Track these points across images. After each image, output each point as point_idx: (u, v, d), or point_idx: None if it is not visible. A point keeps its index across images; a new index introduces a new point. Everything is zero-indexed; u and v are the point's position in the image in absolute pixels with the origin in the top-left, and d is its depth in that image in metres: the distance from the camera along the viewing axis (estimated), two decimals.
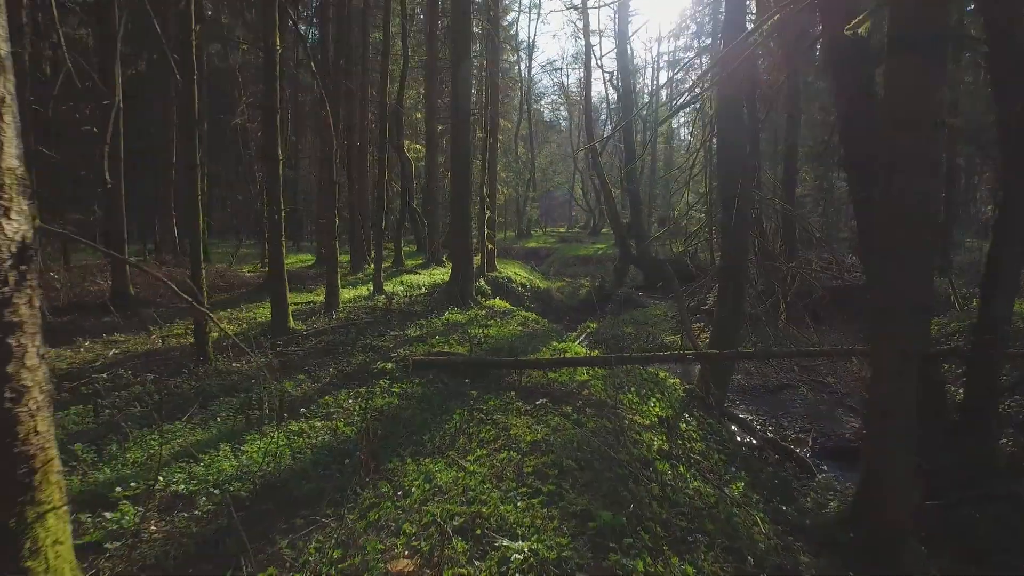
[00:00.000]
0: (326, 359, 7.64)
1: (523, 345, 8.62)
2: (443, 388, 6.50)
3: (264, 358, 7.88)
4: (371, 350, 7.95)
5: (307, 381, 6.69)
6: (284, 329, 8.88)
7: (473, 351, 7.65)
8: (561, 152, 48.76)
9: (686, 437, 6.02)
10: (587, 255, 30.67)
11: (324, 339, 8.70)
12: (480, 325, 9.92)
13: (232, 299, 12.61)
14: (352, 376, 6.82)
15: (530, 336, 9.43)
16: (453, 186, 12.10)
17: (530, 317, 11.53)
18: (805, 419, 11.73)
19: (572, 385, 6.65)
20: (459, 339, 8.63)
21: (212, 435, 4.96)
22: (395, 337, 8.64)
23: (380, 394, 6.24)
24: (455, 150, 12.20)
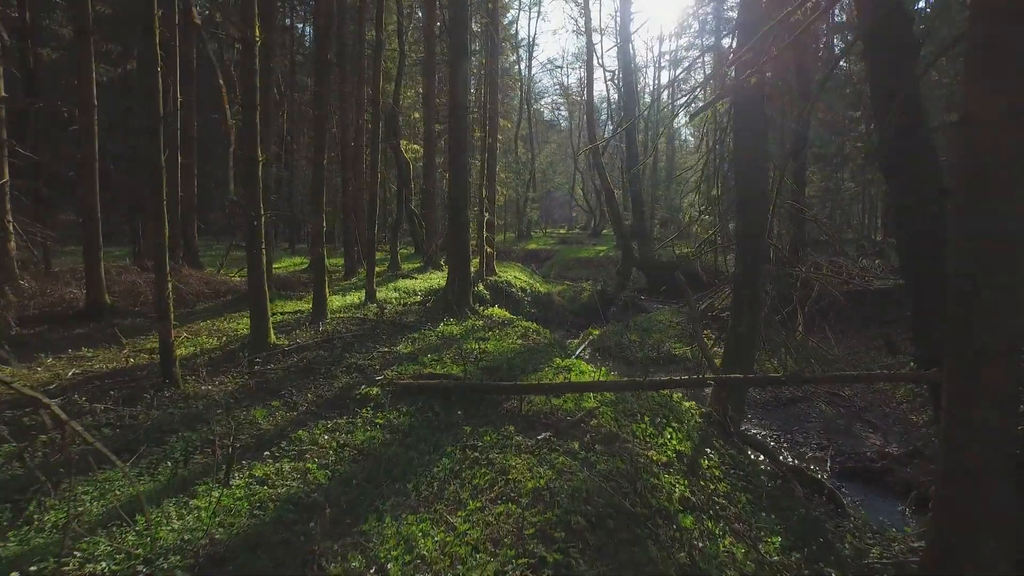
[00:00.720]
0: (306, 381, 6.86)
1: (523, 362, 7.85)
2: (433, 418, 5.73)
3: (240, 379, 7.11)
4: (356, 370, 7.17)
5: (281, 409, 5.92)
6: (264, 345, 8.11)
7: (468, 372, 6.88)
8: (562, 152, 47.98)
9: (708, 476, 5.25)
10: (588, 257, 29.90)
11: (307, 356, 7.92)
12: (477, 338, 9.15)
13: (216, 307, 11.84)
14: (332, 403, 6.04)
15: (530, 351, 8.65)
16: (450, 187, 11.34)
17: (531, 328, 10.76)
18: (821, 435, 10.96)
19: (578, 413, 5.88)
20: (453, 356, 7.86)
21: (159, 485, 4.18)
22: (383, 355, 7.86)
23: (361, 426, 5.47)
24: (452, 149, 11.43)
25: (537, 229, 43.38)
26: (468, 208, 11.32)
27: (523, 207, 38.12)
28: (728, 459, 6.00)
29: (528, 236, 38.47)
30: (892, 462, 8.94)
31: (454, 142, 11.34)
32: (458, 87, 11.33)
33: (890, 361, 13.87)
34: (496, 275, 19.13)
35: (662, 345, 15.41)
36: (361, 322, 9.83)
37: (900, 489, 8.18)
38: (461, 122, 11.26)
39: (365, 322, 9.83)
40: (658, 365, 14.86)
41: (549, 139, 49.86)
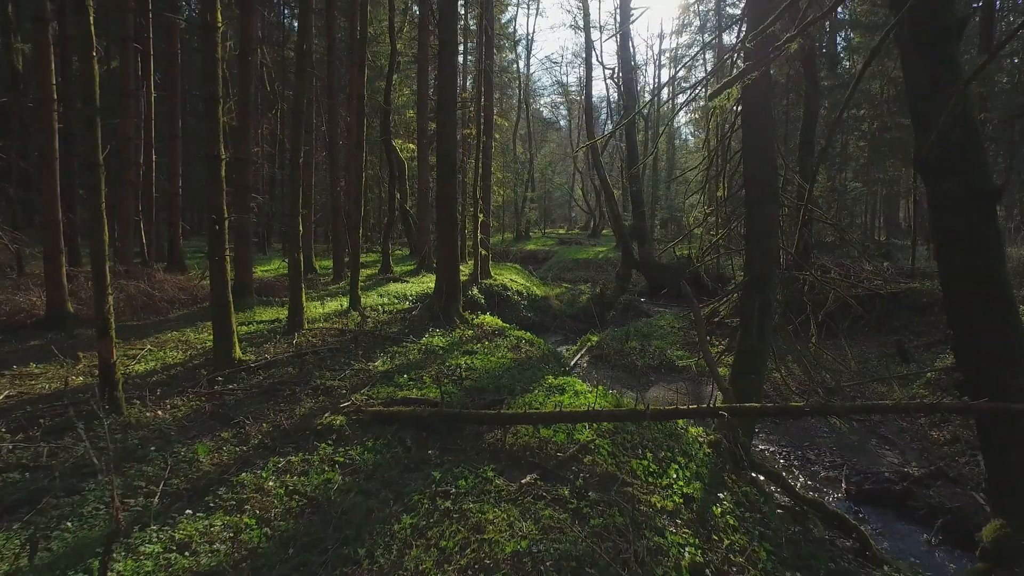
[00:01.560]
0: (266, 405, 6.05)
1: (512, 381, 7.03)
2: (402, 455, 4.91)
3: (196, 402, 6.30)
4: (323, 392, 6.35)
5: (230, 442, 5.10)
6: (227, 361, 7.30)
7: (449, 395, 6.06)
8: (561, 152, 47.12)
9: (722, 527, 4.43)
10: (587, 259, 29.06)
11: (273, 374, 7.11)
12: (463, 352, 8.33)
13: (190, 315, 11.03)
14: (289, 435, 5.23)
15: (521, 367, 7.83)
16: (439, 185, 10.52)
17: (523, 338, 9.94)
18: (834, 452, 10.17)
19: (570, 447, 5.06)
20: (435, 375, 7.05)
21: (45, 560, 3.35)
22: (356, 373, 7.04)
23: (318, 466, 4.65)
24: (441, 145, 10.61)
25: (536, 230, 42.53)
26: (458, 208, 10.50)
27: (521, 207, 37.27)
28: (742, 499, 5.18)
29: (527, 237, 37.62)
30: (913, 484, 8.14)
31: (442, 138, 10.52)
32: (447, 80, 10.51)
33: (904, 370, 13.09)
34: (491, 278, 18.32)
35: (664, 352, 14.60)
36: (340, 333, 9.02)
37: (925, 515, 7.39)
38: (450, 116, 10.44)
39: (344, 333, 9.01)
40: (659, 374, 14.05)
41: (548, 138, 49.01)
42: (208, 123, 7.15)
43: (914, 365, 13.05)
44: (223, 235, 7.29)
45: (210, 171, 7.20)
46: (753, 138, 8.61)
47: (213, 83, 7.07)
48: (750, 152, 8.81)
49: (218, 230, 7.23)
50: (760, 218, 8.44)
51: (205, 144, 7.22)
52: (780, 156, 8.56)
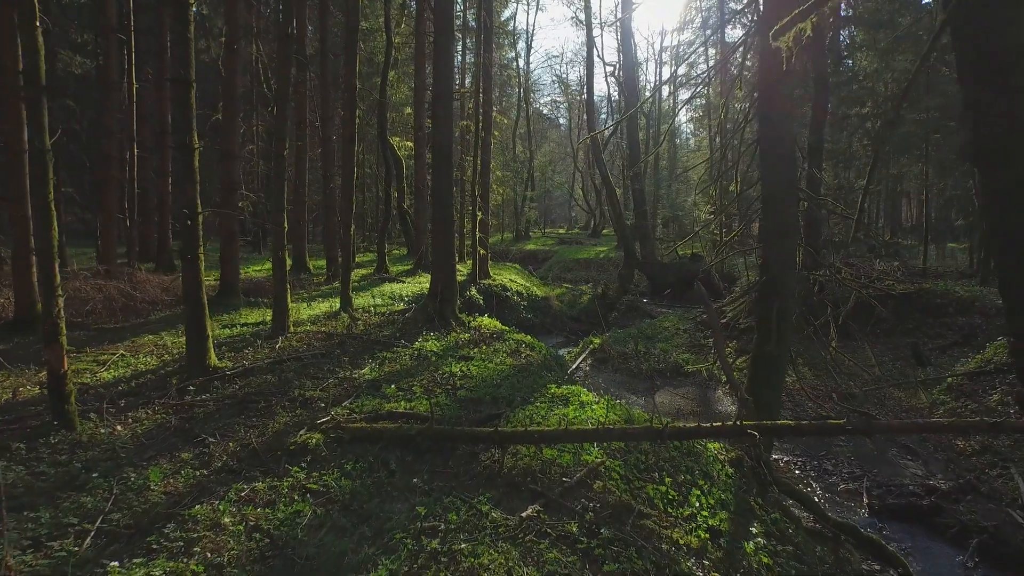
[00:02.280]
0: (237, 419, 5.38)
1: (511, 390, 6.37)
2: (385, 480, 4.24)
3: (162, 415, 5.63)
4: (302, 404, 5.69)
5: (190, 464, 4.44)
6: (201, 369, 6.63)
7: (441, 408, 5.40)
8: (561, 151, 46.44)
9: (756, 568, 3.77)
10: (588, 258, 28.38)
11: (250, 383, 6.45)
12: (459, 358, 7.67)
13: (171, 317, 10.36)
14: (258, 456, 4.56)
15: (521, 374, 7.16)
16: (434, 180, 9.87)
17: (524, 341, 9.28)
18: (852, 462, 9.53)
19: (577, 471, 4.40)
20: (427, 384, 6.39)
21: None
22: (341, 382, 6.38)
23: (287, 494, 3.98)
24: (436, 138, 9.96)
25: (536, 229, 41.84)
26: (454, 206, 9.84)
27: (521, 206, 36.58)
28: (772, 529, 4.53)
29: (526, 236, 36.92)
30: (941, 498, 7.47)
31: (438, 130, 9.86)
32: (443, 70, 9.85)
33: (923, 375, 12.45)
34: (490, 278, 17.66)
35: (669, 355, 13.93)
36: (327, 337, 8.36)
37: (956, 533, 6.72)
38: (446, 108, 9.78)
39: (331, 337, 8.35)
40: (665, 378, 13.39)
41: (548, 136, 48.34)
42: (178, 109, 6.49)
43: (931, 369, 12.41)
44: (196, 232, 6.63)
45: (181, 162, 6.53)
46: (770, 128, 7.96)
47: (184, 65, 6.41)
48: (766, 144, 8.16)
49: (191, 226, 6.57)
50: (777, 216, 7.79)
51: (177, 132, 6.55)
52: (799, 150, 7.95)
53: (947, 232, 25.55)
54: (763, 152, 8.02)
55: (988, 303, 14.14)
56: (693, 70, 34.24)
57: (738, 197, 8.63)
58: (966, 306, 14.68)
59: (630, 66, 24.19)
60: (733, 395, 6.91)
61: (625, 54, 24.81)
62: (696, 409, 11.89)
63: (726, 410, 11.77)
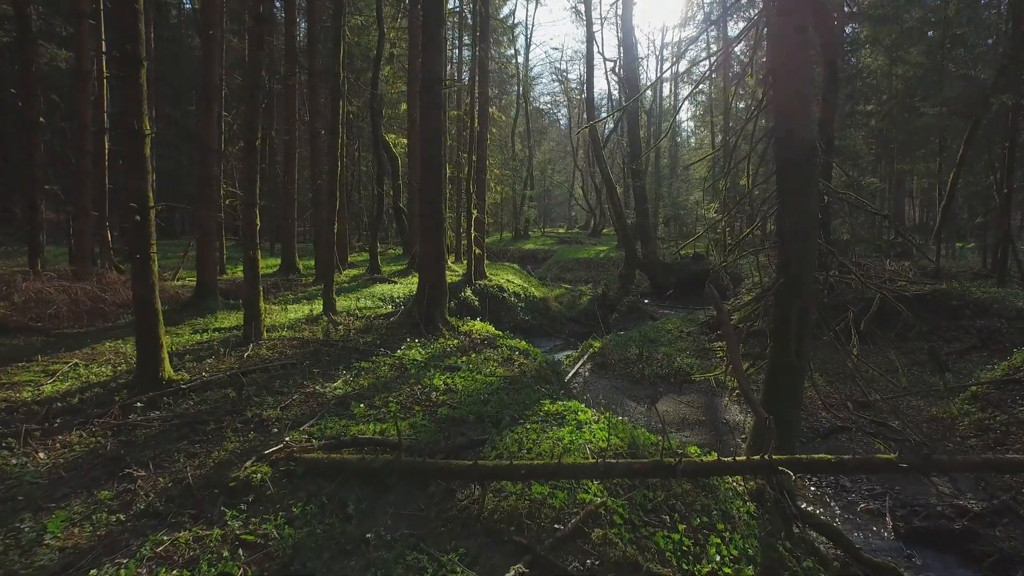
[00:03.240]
0: (180, 445, 4.59)
1: (499, 407, 5.58)
2: (338, 529, 3.45)
3: (99, 438, 4.85)
4: (257, 426, 4.89)
5: (107, 506, 3.65)
6: (153, 382, 5.85)
7: (410, 438, 4.60)
8: (561, 150, 45.61)
9: None
10: (588, 258, 27.56)
11: (207, 398, 5.66)
12: (444, 368, 6.88)
13: None
14: (191, 495, 3.77)
15: (512, 388, 6.37)
16: (422, 174, 9.08)
17: (518, 348, 8.49)
18: (872, 478, 8.73)
19: (573, 515, 3.61)
20: (404, 400, 5.60)
21: None
22: (307, 398, 5.59)
23: (214, 549, 3.20)
24: (425, 129, 9.16)
25: (535, 228, 41.00)
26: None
27: (520, 205, 35.76)
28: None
29: (526, 236, 36.10)
30: (974, 521, 6.64)
31: (427, 120, 9.07)
32: (432, 55, 9.05)
33: (940, 381, 11.65)
34: (486, 279, 16.86)
35: (673, 360, 13.14)
36: (301, 344, 7.56)
37: (995, 563, 5.91)
38: (435, 98, 8.98)
39: (306, 344, 7.56)
40: (668, 384, 12.59)
41: (548, 135, 47.51)
42: (126, 90, 5.70)
43: (950, 375, 11.61)
44: (147, 228, 5.84)
45: (129, 150, 5.75)
46: (788, 113, 7.15)
47: (132, 40, 5.62)
48: (783, 133, 7.36)
49: (140, 222, 5.79)
50: (797, 211, 6.98)
51: (126, 117, 5.76)
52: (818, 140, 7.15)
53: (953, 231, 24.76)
54: (779, 142, 7.23)
55: (1008, 305, 13.31)
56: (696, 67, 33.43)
57: (750, 193, 7.82)
58: (984, 308, 13.84)
59: (631, 62, 23.36)
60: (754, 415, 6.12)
61: (626, 50, 23.98)
62: (702, 418, 11.09)
63: (734, 419, 10.97)
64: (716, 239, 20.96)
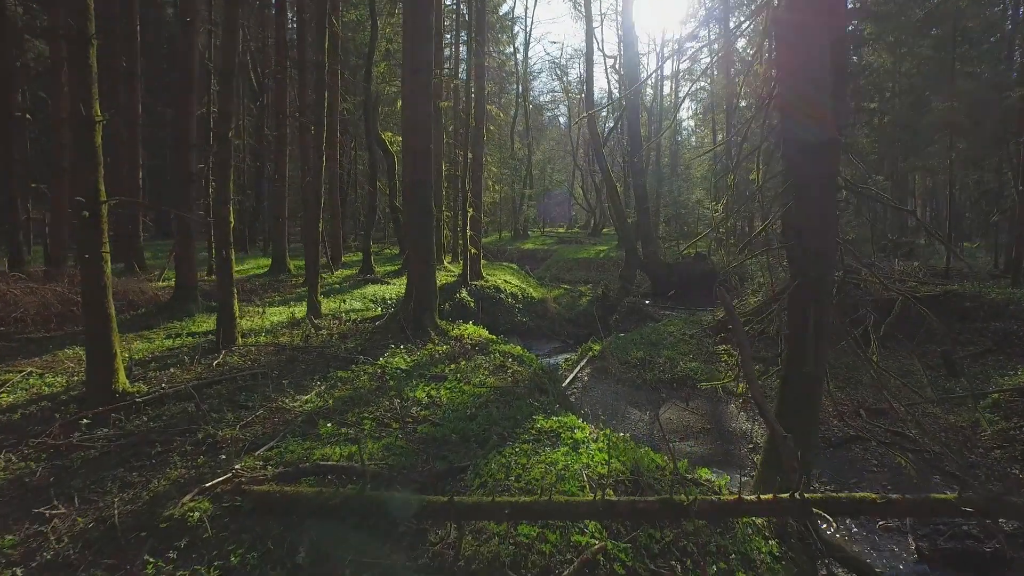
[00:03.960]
0: (117, 472, 3.98)
1: (486, 425, 4.95)
2: None
3: (31, 463, 4.24)
4: (208, 449, 4.28)
5: (5, 556, 3.04)
6: (104, 395, 5.24)
7: (379, 465, 3.98)
8: (560, 149, 44.95)
9: None
10: (588, 258, 26.93)
11: (161, 415, 5.04)
12: (430, 377, 6.26)
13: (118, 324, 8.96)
14: (115, 538, 3.16)
15: (504, 400, 5.74)
16: (407, 169, 8.47)
17: (512, 354, 7.86)
18: (889, 491, 8.09)
19: (565, 562, 3.00)
20: (381, 416, 4.98)
21: None
22: (271, 413, 4.97)
23: None
24: (412, 118, 8.55)
25: (535, 228, 40.36)
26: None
27: (519, 205, 35.11)
28: None
29: (525, 235, 35.46)
30: (1005, 542, 6.02)
31: (414, 109, 8.45)
32: (421, 39, 8.43)
33: (957, 387, 11.03)
34: (483, 279, 16.24)
35: (676, 364, 12.51)
36: (277, 351, 6.95)
37: None
38: (423, 85, 8.36)
39: (283, 351, 6.94)
40: (671, 389, 11.96)
41: (548, 134, 46.86)
42: (73, 71, 5.09)
43: (964, 380, 10.98)
44: (99, 226, 5.23)
45: (78, 139, 5.14)
46: (803, 98, 6.53)
47: (79, 15, 5.00)
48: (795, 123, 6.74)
49: (91, 220, 5.17)
50: (813, 206, 6.36)
51: (74, 101, 5.14)
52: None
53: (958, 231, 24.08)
54: (794, 129, 6.60)
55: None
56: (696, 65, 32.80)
57: (760, 188, 7.18)
58: (999, 310, 13.20)
59: (632, 58, 22.75)
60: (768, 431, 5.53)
61: (626, 47, 23.39)
62: (707, 426, 10.47)
63: (741, 427, 10.35)
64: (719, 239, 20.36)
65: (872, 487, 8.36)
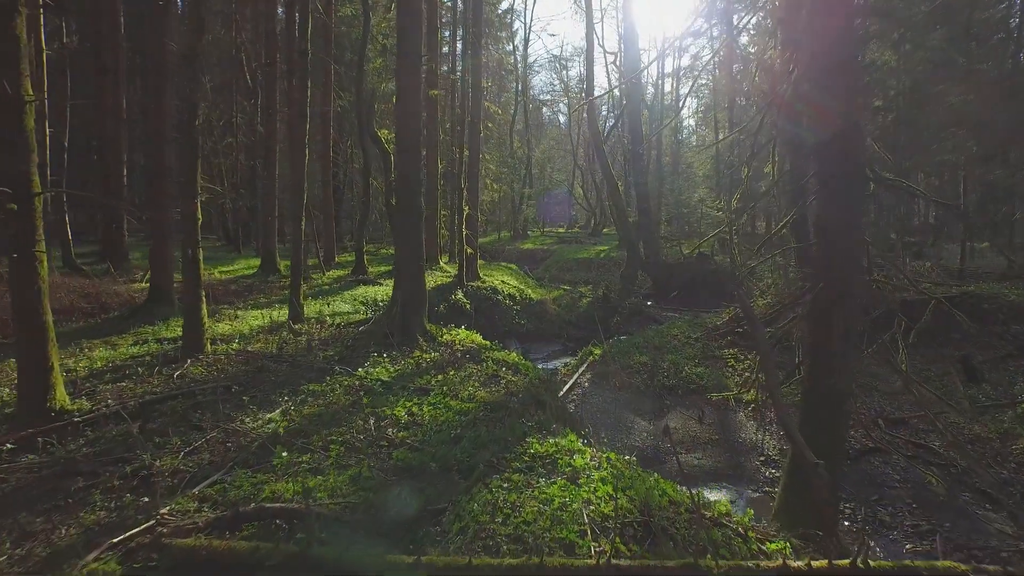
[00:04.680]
0: (20, 516, 3.29)
1: (472, 449, 4.25)
2: None
3: None
4: (141, 483, 3.58)
5: None
6: (39, 414, 4.55)
7: (326, 510, 3.28)
8: (560, 148, 44.22)
9: None
10: (588, 258, 26.20)
11: (99, 438, 4.35)
12: (414, 390, 5.56)
13: (83, 330, 8.28)
14: None
15: (493, 418, 5.04)
16: (397, 162, 7.78)
17: (506, 362, 7.16)
18: (915, 511, 7.41)
19: None
20: (352, 441, 4.28)
21: None
22: (226, 436, 4.27)
23: None
24: (401, 108, 7.85)
25: (535, 228, 39.63)
26: (423, 195, 7.75)
27: (519, 204, 34.39)
28: None
29: (524, 235, 34.72)
30: None
31: (403, 99, 7.75)
32: (410, 22, 7.72)
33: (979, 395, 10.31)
34: (480, 280, 15.55)
35: (680, 369, 11.82)
36: (248, 360, 6.25)
37: None
38: (412, 71, 7.66)
39: (255, 360, 6.25)
40: (676, 396, 11.27)
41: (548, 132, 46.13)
42: None
43: (986, 386, 10.28)
44: (31, 220, 4.55)
45: (4, 121, 4.45)
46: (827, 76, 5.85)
47: None
48: (824, 102, 6.06)
49: (21, 212, 4.49)
50: (839, 201, 5.69)
51: None
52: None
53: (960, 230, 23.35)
54: (818, 116, 5.91)
55: None
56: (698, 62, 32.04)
57: (775, 183, 6.47)
58: (1019, 312, 12.48)
59: (632, 55, 22.03)
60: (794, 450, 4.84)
61: (627, 43, 22.70)
62: (715, 436, 9.77)
63: (750, 437, 9.65)
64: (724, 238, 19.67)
65: (896, 504, 7.65)
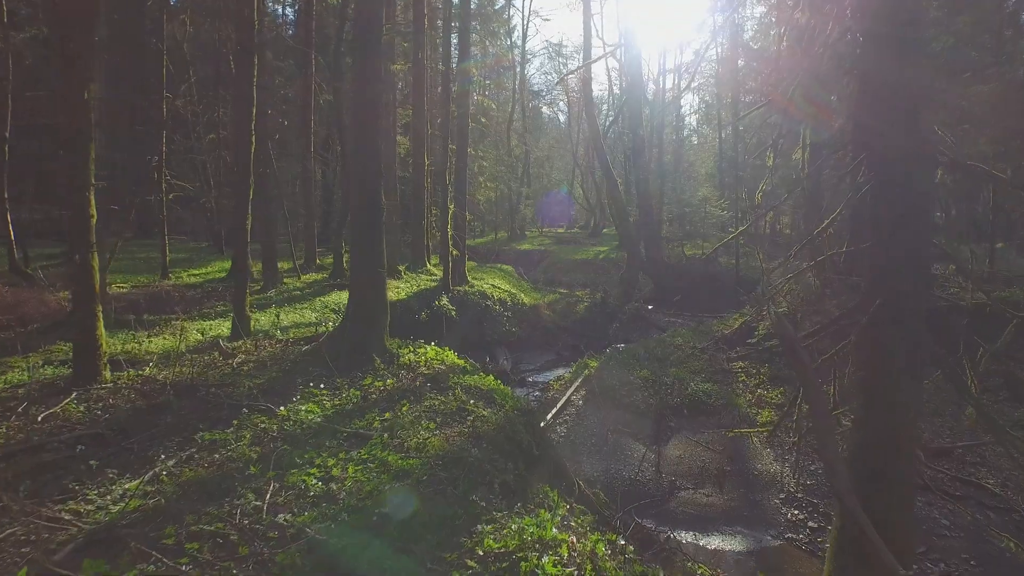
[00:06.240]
0: None
1: (399, 543, 2.89)
2: None
3: None
4: None
5: None
6: None
7: None
8: (560, 147, 42.81)
9: None
10: (586, 259, 24.79)
11: None
12: (344, 438, 4.18)
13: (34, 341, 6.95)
14: None
15: (440, 481, 3.66)
16: (354, 151, 6.41)
17: (478, 389, 5.77)
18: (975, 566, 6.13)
19: None
20: (225, 533, 2.91)
21: None
22: (27, 533, 2.91)
23: None
24: (357, 88, 6.49)
25: (533, 228, 38.21)
26: (382, 187, 6.37)
27: (516, 204, 32.99)
28: None
29: (522, 236, 33.32)
30: None
31: (362, 77, 6.36)
32: None
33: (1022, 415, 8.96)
34: (467, 284, 14.17)
35: (685, 384, 10.43)
36: (148, 394, 4.89)
37: None
38: (372, 47, 6.27)
39: (158, 393, 4.89)
40: (681, 416, 9.88)
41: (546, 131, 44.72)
42: None
43: None
44: None
45: None
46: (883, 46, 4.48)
47: None
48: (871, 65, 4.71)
49: None
50: (900, 192, 4.30)
51: None
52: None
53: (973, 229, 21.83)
54: (865, 80, 4.51)
55: None
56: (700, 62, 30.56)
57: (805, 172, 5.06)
58: None
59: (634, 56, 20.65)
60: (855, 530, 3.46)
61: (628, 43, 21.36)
62: (726, 467, 8.36)
63: (767, 469, 8.24)
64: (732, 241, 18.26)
65: (950, 559, 6.26)
